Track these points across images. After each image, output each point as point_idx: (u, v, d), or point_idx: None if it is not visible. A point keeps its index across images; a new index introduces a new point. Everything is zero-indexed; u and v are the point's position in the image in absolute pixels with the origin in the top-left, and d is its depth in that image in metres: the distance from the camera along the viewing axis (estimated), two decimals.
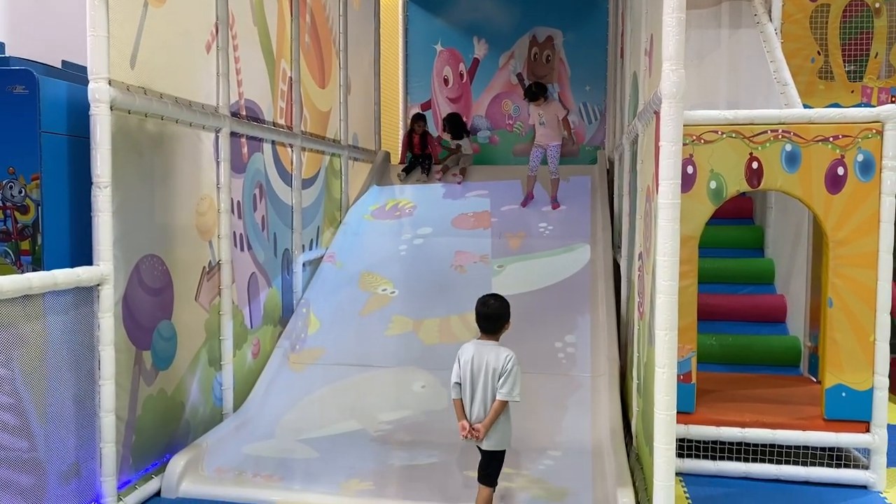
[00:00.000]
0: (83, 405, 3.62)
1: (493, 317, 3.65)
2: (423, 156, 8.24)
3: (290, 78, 6.24)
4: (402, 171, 8.23)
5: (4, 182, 3.83)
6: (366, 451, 4.62)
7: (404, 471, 4.38)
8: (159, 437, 4.30)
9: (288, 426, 5.05)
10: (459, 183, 7.82)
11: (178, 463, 4.16)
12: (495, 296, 3.75)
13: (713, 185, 4.31)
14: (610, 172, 7.79)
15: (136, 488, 3.98)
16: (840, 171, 4.19)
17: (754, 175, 4.30)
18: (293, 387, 5.47)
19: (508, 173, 8.08)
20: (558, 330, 5.80)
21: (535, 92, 7.42)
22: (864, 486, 4.23)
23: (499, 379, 3.45)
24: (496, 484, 3.59)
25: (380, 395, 5.36)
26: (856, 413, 4.23)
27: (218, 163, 4.88)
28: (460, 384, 3.55)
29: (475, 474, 4.25)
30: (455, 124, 8.37)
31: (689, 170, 4.29)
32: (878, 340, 4.16)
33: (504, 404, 3.47)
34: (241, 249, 5.31)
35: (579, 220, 7.16)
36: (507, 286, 6.36)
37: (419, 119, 8.36)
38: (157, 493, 4.08)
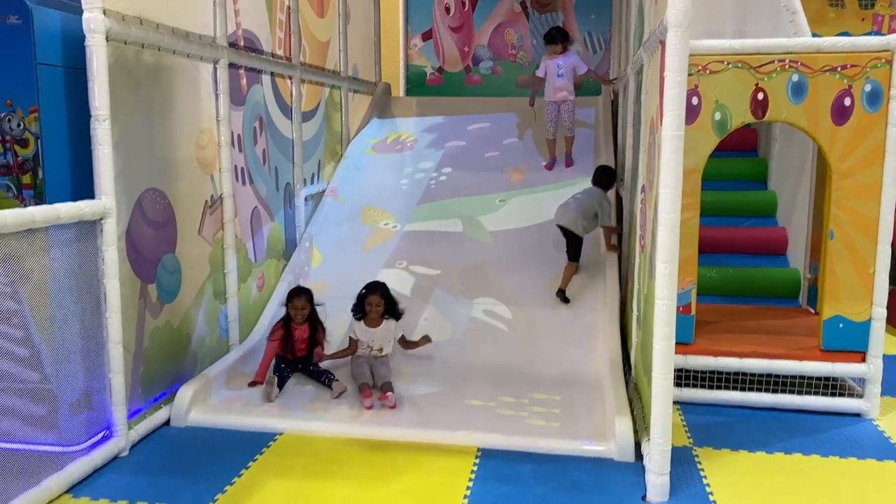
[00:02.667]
0: (91, 337, 3.68)
1: None
2: (299, 360, 4.74)
3: (288, 7, 6.10)
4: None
5: (2, 115, 3.79)
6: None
7: (407, 400, 4.48)
8: (167, 368, 4.38)
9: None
10: (392, 407, 4.31)
11: (186, 393, 4.25)
12: None
13: (718, 116, 4.27)
14: (614, 104, 7.69)
15: (146, 417, 4.08)
16: (847, 101, 4.14)
17: (759, 106, 4.24)
18: None
19: (510, 105, 7.97)
20: (560, 263, 5.82)
21: (557, 36, 6.85)
22: (858, 415, 4.32)
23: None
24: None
25: None
26: (852, 344, 4.29)
27: (217, 95, 4.82)
28: None
29: (475, 403, 4.37)
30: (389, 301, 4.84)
31: (694, 101, 4.23)
32: (878, 272, 4.19)
33: None
34: (243, 183, 5.30)
35: (582, 153, 7.10)
36: (508, 220, 6.38)
37: (300, 294, 4.81)
38: (167, 422, 4.19)
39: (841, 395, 4.43)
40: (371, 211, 6.63)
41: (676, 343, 3.33)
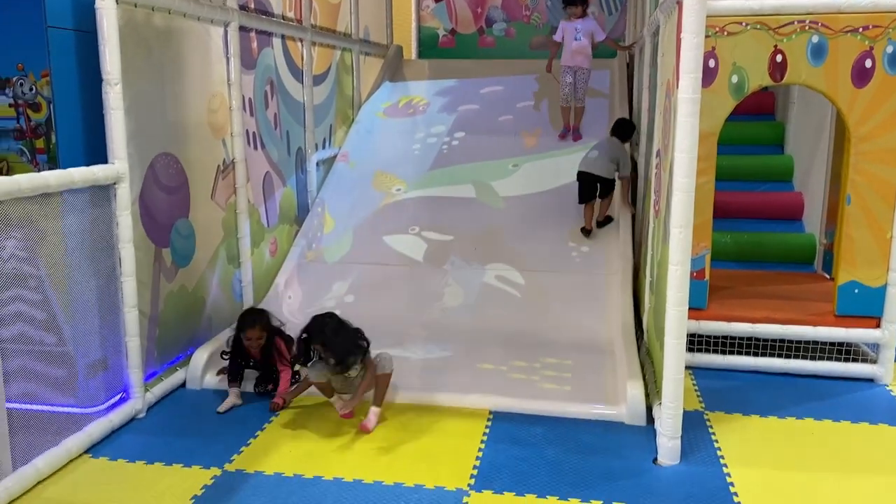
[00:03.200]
0: (107, 301, 3.72)
1: None
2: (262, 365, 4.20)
3: None
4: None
5: (14, 79, 3.78)
6: (382, 346, 4.73)
7: (420, 363, 4.51)
8: (182, 332, 4.43)
9: (307, 321, 5.16)
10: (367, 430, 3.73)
11: (201, 356, 4.30)
12: None
13: (735, 79, 4.19)
14: (630, 66, 7.58)
15: (162, 380, 4.14)
16: (868, 63, 4.05)
17: (778, 69, 4.16)
18: (310, 284, 5.57)
19: (524, 67, 7.87)
20: (573, 229, 5.81)
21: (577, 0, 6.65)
22: (871, 380, 4.31)
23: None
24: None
25: (395, 292, 5.45)
26: (867, 309, 4.26)
27: (228, 58, 4.78)
28: None
29: (487, 367, 4.40)
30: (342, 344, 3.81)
31: (711, 63, 4.16)
32: (895, 237, 4.14)
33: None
34: (255, 148, 5.29)
35: (597, 117, 7.02)
36: (521, 185, 6.35)
37: (253, 324, 4.07)
38: (182, 385, 4.25)
39: (854, 360, 4.42)
40: (383, 176, 6.61)
41: (689, 308, 3.31)
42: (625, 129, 5.99)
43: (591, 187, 5.76)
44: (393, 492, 3.14)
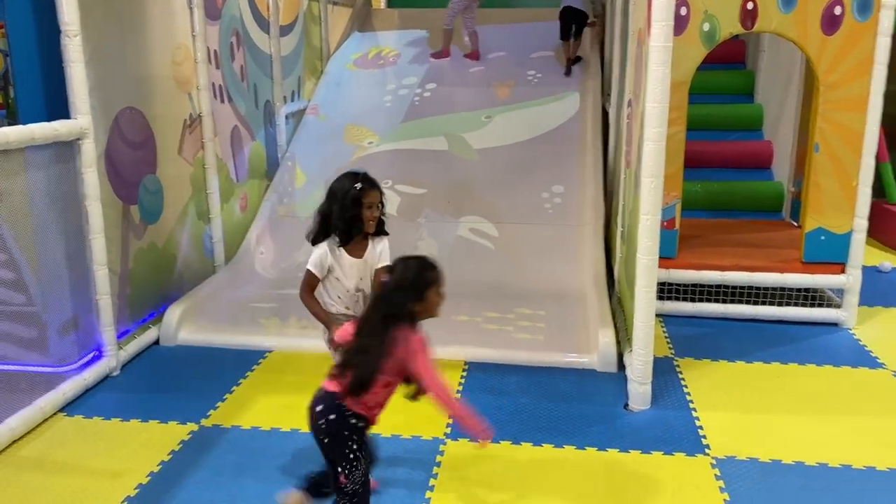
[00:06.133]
0: (75, 259, 3.66)
1: None
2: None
3: None
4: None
5: None
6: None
7: None
8: (154, 289, 4.39)
9: (280, 276, 5.16)
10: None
11: (174, 312, 4.27)
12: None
13: (706, 27, 4.18)
14: (602, 17, 7.50)
15: (136, 337, 4.11)
16: (837, 10, 4.05)
17: (749, 16, 4.15)
18: (283, 239, 5.53)
19: (496, 17, 7.76)
20: (546, 181, 5.81)
21: None
22: (836, 324, 4.43)
23: None
24: None
25: None
26: (833, 255, 4.35)
27: (191, 8, 4.65)
28: None
29: (462, 319, 4.44)
30: None
31: (683, 11, 4.13)
32: (861, 184, 4.21)
33: None
34: (222, 101, 5.18)
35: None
36: (494, 137, 6.31)
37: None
38: (156, 342, 4.22)
39: (820, 305, 4.52)
40: (354, 129, 6.53)
41: (660, 257, 3.36)
42: None
43: (569, 24, 6.84)
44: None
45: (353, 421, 2.31)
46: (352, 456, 2.30)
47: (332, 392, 2.30)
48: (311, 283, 2.83)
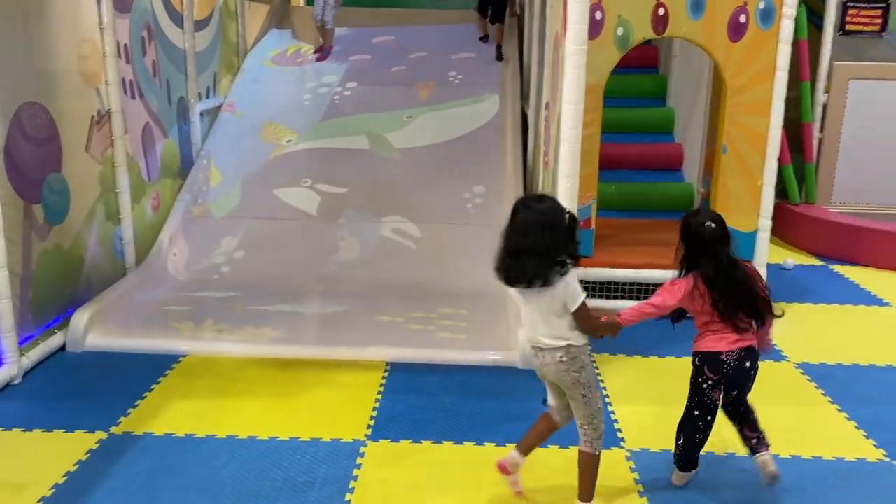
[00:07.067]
0: None
1: None
2: None
3: None
4: None
5: None
6: (277, 301, 4.66)
7: (315, 318, 4.47)
8: (59, 293, 4.18)
9: (194, 278, 5.01)
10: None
11: (81, 317, 4.09)
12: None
13: (620, 31, 4.29)
14: (521, 19, 7.61)
15: (39, 343, 3.91)
16: (742, 18, 4.24)
17: (660, 22, 4.29)
18: (197, 240, 5.38)
19: (417, 17, 7.78)
20: (467, 181, 5.85)
21: None
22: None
23: None
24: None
25: (287, 247, 5.34)
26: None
27: (99, 1, 4.46)
28: None
29: (384, 319, 4.42)
30: None
31: (598, 15, 4.23)
32: (766, 185, 4.41)
33: None
34: (132, 97, 4.99)
35: (489, 70, 7.05)
36: (416, 137, 6.32)
37: None
38: (62, 348, 4.03)
39: None
40: (272, 127, 6.41)
41: None
42: None
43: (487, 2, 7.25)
44: (289, 446, 3.12)
45: None
46: None
47: (753, 346, 2.68)
48: None
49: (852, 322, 4.68)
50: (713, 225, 2.75)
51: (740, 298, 2.65)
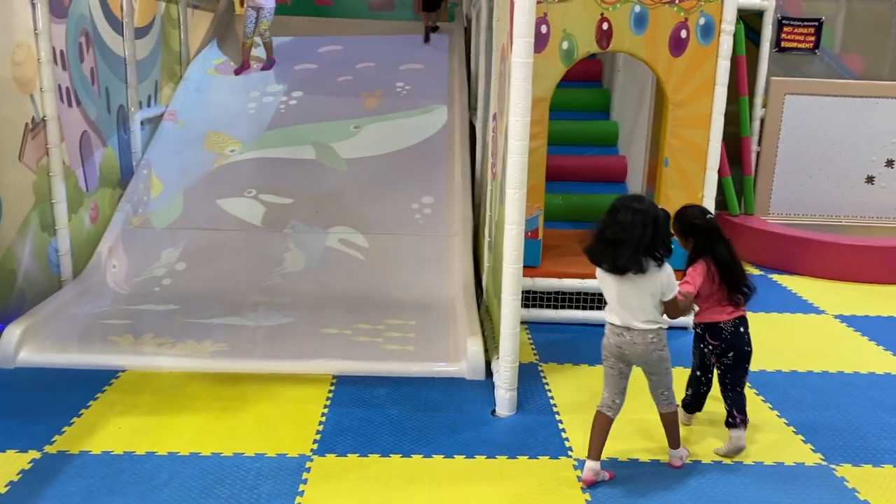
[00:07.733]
0: None
1: None
2: None
3: None
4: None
5: None
6: (219, 314, 4.56)
7: (259, 331, 4.39)
8: None
9: (134, 291, 4.87)
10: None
11: (13, 332, 3.92)
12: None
13: (565, 45, 4.35)
14: (468, 31, 7.67)
15: None
16: (683, 34, 4.34)
17: (604, 36, 4.37)
18: (137, 251, 5.24)
19: (364, 28, 7.77)
20: (416, 192, 5.84)
21: None
22: (685, 328, 4.71)
23: None
24: None
25: (231, 258, 5.24)
26: (682, 263, 4.61)
27: (34, 4, 4.32)
28: None
29: (330, 332, 4.36)
30: None
31: (543, 29, 4.29)
32: (706, 197, 4.51)
33: None
34: (69, 105, 4.84)
35: (437, 81, 7.07)
36: (363, 147, 6.29)
37: None
38: None
39: None
40: (215, 136, 6.30)
41: (524, 266, 3.45)
42: None
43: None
44: (232, 462, 3.05)
45: None
46: None
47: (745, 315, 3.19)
48: None
49: (790, 330, 4.82)
50: (711, 215, 3.19)
51: (742, 276, 3.13)
